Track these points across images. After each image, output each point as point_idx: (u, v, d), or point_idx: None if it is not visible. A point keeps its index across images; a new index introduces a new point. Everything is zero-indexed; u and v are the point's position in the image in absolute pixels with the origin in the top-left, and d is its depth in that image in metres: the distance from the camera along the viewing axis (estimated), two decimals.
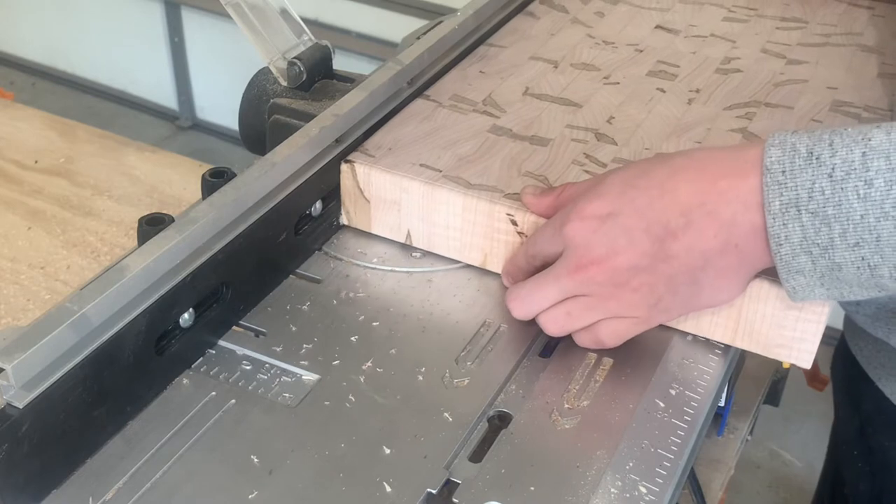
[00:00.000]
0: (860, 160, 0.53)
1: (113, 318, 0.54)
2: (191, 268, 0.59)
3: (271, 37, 0.76)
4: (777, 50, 0.89)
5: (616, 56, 0.87)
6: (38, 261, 0.77)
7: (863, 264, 0.55)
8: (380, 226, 0.73)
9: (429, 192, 0.69)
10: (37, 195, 0.85)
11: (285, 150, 0.67)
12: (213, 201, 0.61)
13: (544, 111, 0.78)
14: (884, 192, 0.53)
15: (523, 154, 0.73)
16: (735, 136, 0.76)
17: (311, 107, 0.75)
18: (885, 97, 0.82)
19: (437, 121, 0.77)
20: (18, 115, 0.98)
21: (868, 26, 0.94)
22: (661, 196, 0.58)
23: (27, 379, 0.50)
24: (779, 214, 0.55)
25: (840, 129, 0.55)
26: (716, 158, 0.58)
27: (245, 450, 0.56)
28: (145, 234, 0.59)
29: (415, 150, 0.73)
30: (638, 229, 0.58)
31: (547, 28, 0.92)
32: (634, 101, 0.80)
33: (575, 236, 0.60)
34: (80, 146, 0.92)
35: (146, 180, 0.88)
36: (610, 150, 0.74)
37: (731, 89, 0.82)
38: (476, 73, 0.84)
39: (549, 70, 0.85)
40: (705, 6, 0.97)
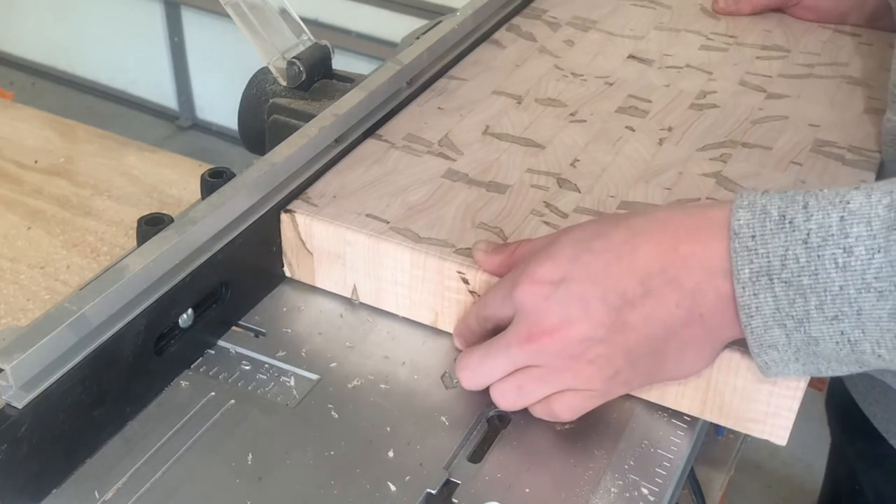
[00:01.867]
0: (838, 225, 0.48)
1: (112, 319, 0.54)
2: (190, 268, 0.59)
3: (270, 36, 0.76)
4: (756, 82, 0.83)
5: (584, 90, 0.82)
6: (37, 261, 0.77)
7: (842, 339, 0.49)
8: (324, 279, 0.67)
9: (374, 246, 0.64)
10: (37, 195, 0.85)
11: (285, 150, 0.66)
12: (212, 201, 0.61)
13: (504, 153, 0.73)
14: (865, 262, 0.47)
15: (479, 202, 0.68)
16: (708, 181, 0.70)
17: (310, 107, 0.75)
18: (871, 136, 0.76)
19: (389, 164, 0.71)
20: (18, 115, 0.98)
21: (854, 56, 0.88)
22: (617, 261, 0.53)
23: (26, 379, 0.50)
24: (749, 283, 0.50)
25: (815, 189, 0.50)
26: (678, 220, 0.53)
27: (244, 450, 0.56)
28: (144, 234, 0.59)
29: (362, 198, 0.67)
30: (593, 297, 0.53)
31: (512, 58, 0.86)
32: (601, 140, 0.75)
33: (525, 302, 0.54)
34: (80, 146, 0.92)
35: (146, 180, 0.88)
36: (572, 197, 0.68)
37: (706, 127, 0.77)
38: (434, 109, 0.78)
39: (512, 106, 0.79)
40: (682, 33, 0.92)
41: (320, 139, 0.69)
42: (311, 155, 0.69)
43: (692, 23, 0.94)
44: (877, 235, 0.47)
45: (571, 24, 0.93)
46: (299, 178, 0.68)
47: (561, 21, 0.93)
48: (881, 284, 0.47)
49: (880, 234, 0.47)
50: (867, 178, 0.71)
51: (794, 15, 0.95)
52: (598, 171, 0.71)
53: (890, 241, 0.47)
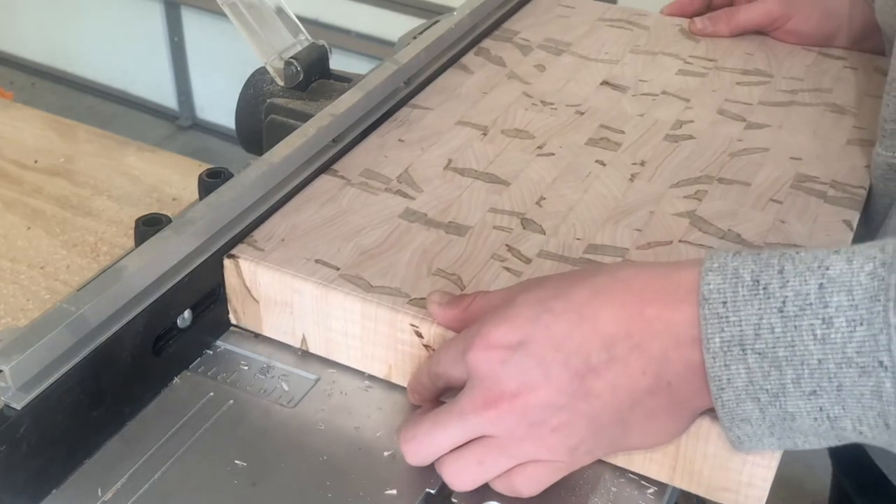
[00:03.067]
0: (816, 293, 0.44)
1: (111, 319, 0.54)
2: (189, 268, 0.59)
3: (268, 36, 0.76)
4: (736, 111, 0.79)
5: (554, 120, 0.78)
6: (37, 261, 0.77)
7: (821, 415, 0.45)
8: (271, 328, 0.63)
9: (323, 296, 0.60)
10: (36, 195, 0.85)
11: (282, 150, 0.66)
12: (210, 202, 0.61)
13: (466, 190, 0.69)
14: (846, 335, 0.43)
15: (437, 246, 0.63)
16: (681, 221, 0.66)
17: (307, 107, 0.74)
18: (855, 169, 0.72)
19: (343, 203, 0.67)
20: (18, 115, 0.98)
21: (838, 81, 0.84)
22: (579, 323, 0.49)
23: (25, 380, 0.50)
24: (720, 353, 0.46)
25: (791, 251, 0.46)
26: (643, 280, 0.49)
27: (243, 450, 0.56)
28: (143, 234, 0.59)
29: (312, 242, 0.63)
30: (555, 362, 0.49)
31: (479, 85, 0.82)
32: (570, 176, 0.71)
33: (479, 366, 0.50)
34: (80, 146, 0.92)
35: (146, 180, 0.87)
36: (536, 240, 0.64)
37: (681, 161, 0.73)
38: (394, 141, 0.74)
39: (477, 138, 0.75)
40: (659, 57, 0.87)
41: (318, 139, 0.69)
42: (308, 155, 0.69)
43: (670, 45, 0.89)
44: (858, 306, 0.43)
45: (543, 46, 0.89)
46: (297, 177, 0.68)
47: (532, 44, 0.89)
48: (863, 360, 0.43)
49: (862, 305, 0.43)
50: (850, 216, 0.67)
51: (777, 38, 0.91)
52: (564, 210, 0.67)
53: (873, 312, 0.43)
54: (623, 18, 0.94)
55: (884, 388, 0.44)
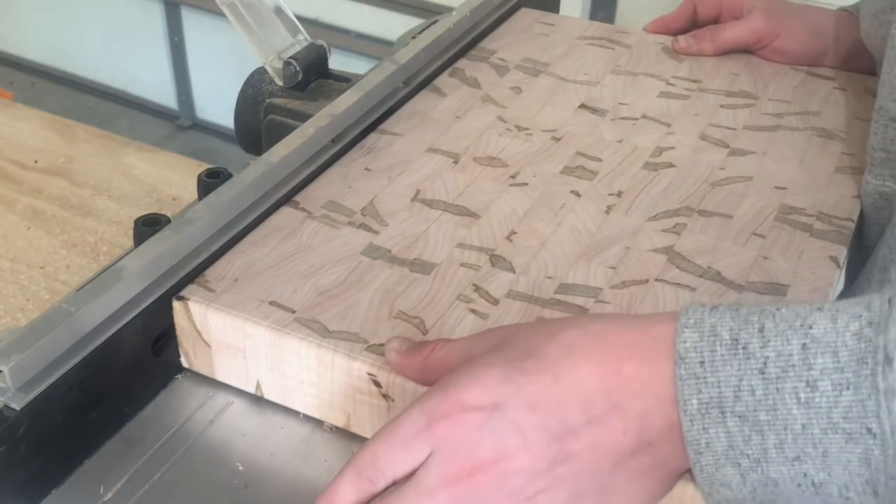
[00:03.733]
0: (799, 354, 0.41)
1: (110, 320, 0.54)
2: (188, 268, 0.59)
3: (267, 36, 0.76)
4: (719, 136, 0.76)
5: (528, 146, 0.74)
6: (37, 261, 0.77)
7: (805, 481, 0.42)
8: (224, 373, 0.60)
9: (276, 341, 0.56)
10: (36, 195, 0.85)
11: (282, 150, 0.66)
12: (209, 202, 0.61)
13: (434, 223, 0.65)
14: (831, 399, 0.40)
15: (400, 285, 0.60)
16: (658, 258, 0.63)
17: (306, 107, 0.74)
18: (843, 200, 0.69)
19: (303, 238, 0.64)
20: (18, 115, 0.98)
21: (826, 103, 0.81)
22: (554, 383, 0.45)
23: (24, 380, 0.50)
24: (697, 416, 0.43)
25: (772, 307, 0.43)
26: (617, 335, 0.46)
27: (243, 452, 0.56)
28: (142, 234, 0.59)
29: (267, 281, 0.60)
30: (532, 425, 0.45)
31: (452, 108, 0.79)
32: (543, 208, 0.67)
33: (452, 435, 0.46)
34: (80, 146, 0.92)
35: (146, 180, 0.88)
36: (505, 279, 0.61)
37: (660, 191, 0.69)
38: (360, 170, 0.71)
39: (448, 166, 0.72)
40: (640, 77, 0.84)
41: (317, 139, 0.68)
42: (307, 155, 0.69)
43: (652, 65, 0.86)
44: (844, 369, 0.40)
45: (521, 67, 0.85)
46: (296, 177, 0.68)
47: (509, 64, 0.86)
48: (850, 426, 0.40)
49: (848, 368, 0.40)
50: (837, 252, 0.64)
51: (764, 57, 0.87)
52: (536, 245, 0.64)
53: (860, 376, 0.39)
54: (604, 37, 0.90)
55: (872, 456, 0.40)
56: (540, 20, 0.93)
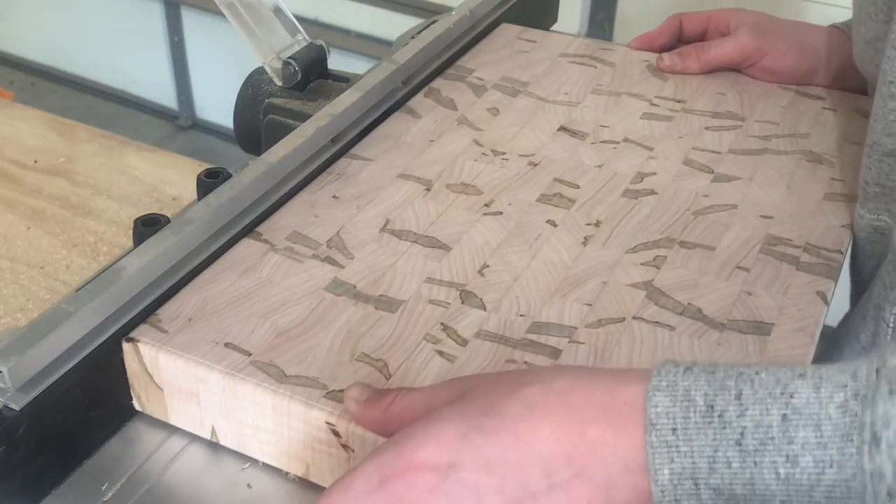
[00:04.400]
0: (779, 426, 0.38)
1: (110, 320, 0.54)
2: (187, 268, 0.59)
3: (266, 36, 0.76)
4: (703, 160, 0.73)
5: (504, 172, 0.71)
6: (37, 261, 0.77)
7: None
8: (178, 417, 0.57)
9: (230, 387, 0.53)
10: (36, 195, 0.85)
11: (281, 150, 0.66)
12: (208, 202, 0.61)
13: (403, 256, 0.62)
14: (813, 477, 0.37)
15: (364, 324, 0.57)
16: (636, 294, 0.60)
17: (306, 106, 0.74)
18: (831, 230, 0.66)
19: (264, 272, 0.61)
20: (18, 114, 0.98)
21: (816, 124, 0.78)
22: (514, 444, 0.42)
23: (24, 381, 0.50)
24: (669, 487, 0.40)
25: (750, 371, 0.40)
26: (582, 395, 0.43)
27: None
28: (141, 234, 0.58)
29: (223, 321, 0.57)
30: (489, 488, 0.42)
31: (427, 131, 0.76)
32: (517, 239, 0.64)
33: (405, 497, 0.43)
34: (80, 146, 0.92)
35: (146, 180, 0.87)
36: (475, 317, 0.58)
37: (640, 220, 0.66)
38: (328, 198, 0.68)
39: (420, 194, 0.69)
40: (623, 97, 0.81)
41: (316, 139, 0.68)
42: (307, 155, 0.68)
43: (636, 84, 0.83)
44: (828, 444, 0.37)
45: (499, 87, 0.82)
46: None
47: (487, 83, 0.83)
48: None
49: (832, 444, 0.37)
50: (825, 286, 0.61)
51: (752, 76, 0.84)
52: (509, 280, 0.61)
53: (844, 454, 0.36)
54: (587, 54, 0.87)
55: None
56: (521, 36, 0.90)
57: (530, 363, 0.54)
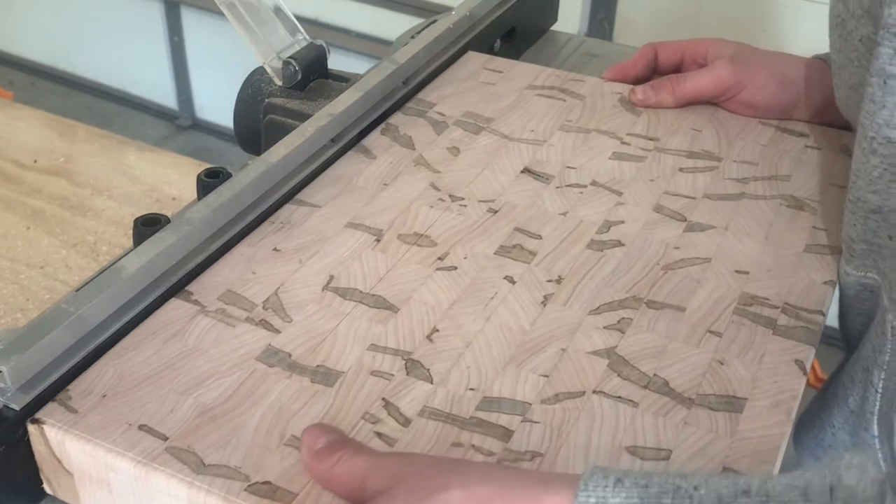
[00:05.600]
0: None
1: (110, 319, 0.54)
2: (187, 268, 0.59)
3: (266, 36, 0.76)
4: (676, 206, 0.68)
5: (462, 220, 0.66)
6: (37, 261, 0.78)
7: None
8: None
9: (143, 476, 0.48)
10: (36, 195, 0.86)
11: (281, 150, 0.66)
12: (208, 201, 0.61)
13: (345, 319, 0.57)
14: None
15: (297, 400, 0.52)
16: (598, 363, 0.55)
17: (306, 106, 0.74)
18: (812, 287, 0.61)
19: (191, 339, 0.55)
20: (18, 114, 0.99)
21: (798, 164, 0.73)
22: None
23: (24, 380, 0.50)
24: None
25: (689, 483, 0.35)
26: (505, 501, 0.38)
27: None
28: (141, 234, 0.59)
29: (141, 397, 0.51)
30: None
31: (381, 174, 0.71)
32: (471, 299, 0.59)
33: None
34: (80, 146, 0.93)
35: (146, 180, 0.88)
36: (421, 391, 0.53)
37: (606, 276, 0.61)
38: (268, 251, 0.63)
39: (369, 245, 0.63)
40: (592, 135, 0.76)
41: (316, 139, 0.69)
42: (307, 155, 0.68)
43: (607, 119, 0.78)
44: None
45: (461, 123, 0.77)
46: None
47: (449, 119, 0.77)
48: None
49: None
50: (804, 354, 0.56)
51: (730, 110, 0.79)
52: (460, 347, 0.55)
53: None
54: (556, 86, 0.82)
55: None
56: (487, 66, 0.85)
57: (478, 447, 0.49)
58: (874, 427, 0.63)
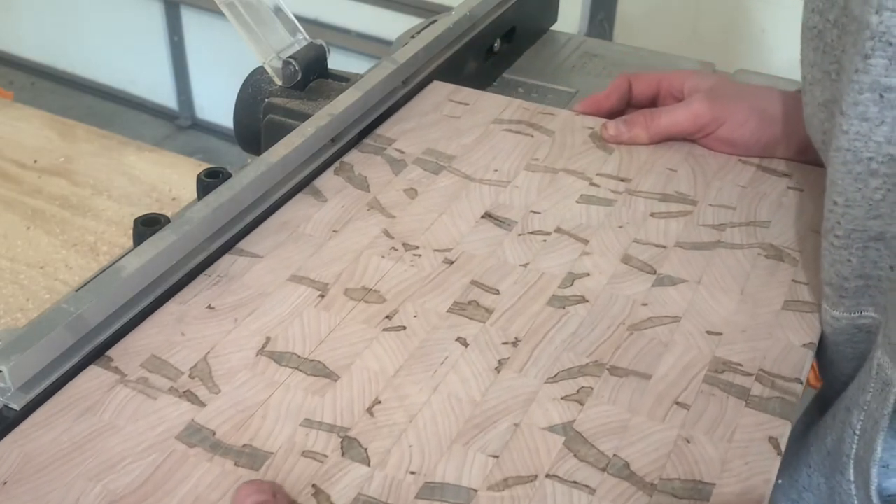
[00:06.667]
0: None
1: (109, 319, 0.54)
2: (187, 268, 0.59)
3: (266, 36, 0.76)
4: (645, 256, 0.63)
5: (415, 272, 0.61)
6: (37, 260, 0.78)
7: None
8: None
9: None
10: (36, 195, 0.86)
11: (281, 150, 0.66)
12: (208, 201, 0.60)
13: (279, 389, 0.52)
14: None
15: (217, 489, 0.47)
16: (553, 441, 0.50)
17: (306, 106, 0.75)
18: (791, 351, 0.56)
19: (106, 414, 0.50)
20: (18, 114, 0.99)
21: (779, 209, 0.68)
22: None
23: (24, 380, 0.50)
24: None
25: None
26: None
27: None
28: (141, 234, 0.59)
29: (45, 484, 0.46)
30: None
31: (331, 220, 0.66)
32: (419, 364, 0.54)
33: None
34: (80, 146, 0.93)
35: (146, 180, 0.89)
36: (356, 475, 0.48)
37: (566, 338, 0.56)
38: (201, 308, 0.58)
39: (312, 302, 0.59)
40: (560, 175, 0.71)
41: (316, 138, 0.69)
42: (307, 155, 0.68)
43: (576, 157, 0.73)
44: None
45: (421, 161, 0.72)
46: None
47: (408, 157, 0.73)
48: None
49: None
50: (779, 430, 0.51)
51: (708, 147, 0.75)
52: (403, 421, 0.51)
53: None
54: (524, 120, 0.78)
55: None
56: (452, 97, 0.80)
57: None
58: (850, 472, 0.58)
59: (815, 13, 0.58)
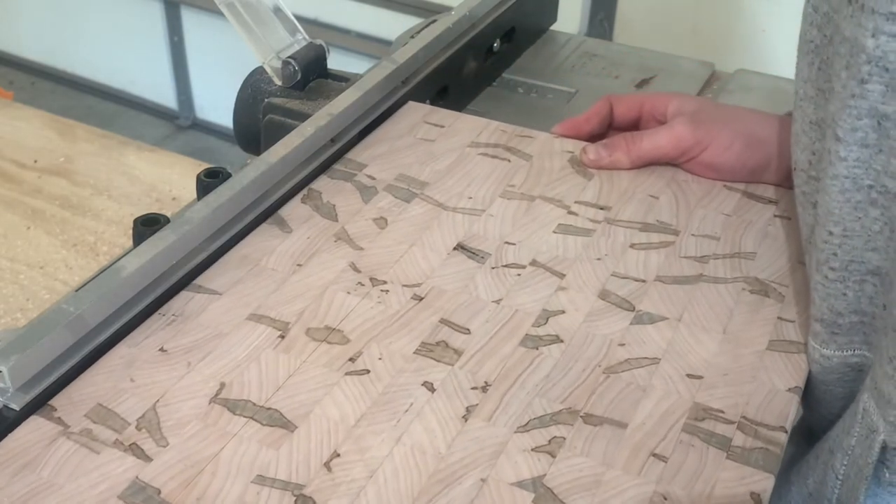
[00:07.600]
0: None
1: (109, 319, 0.54)
2: (186, 268, 0.59)
3: (266, 36, 0.76)
4: (623, 292, 0.60)
5: (382, 310, 0.58)
6: (37, 260, 0.78)
7: None
8: None
9: None
10: (36, 195, 0.86)
11: (280, 150, 0.66)
12: (208, 201, 0.61)
13: (231, 441, 0.49)
14: None
15: None
16: (523, 496, 0.47)
17: (305, 106, 0.75)
18: (776, 396, 0.53)
19: (45, 471, 0.47)
20: (18, 114, 0.99)
21: (765, 239, 0.65)
22: None
23: (24, 380, 0.49)
24: None
25: None
26: None
27: None
28: (141, 234, 0.59)
29: None
30: None
31: (295, 252, 0.63)
32: (382, 413, 0.51)
33: None
34: (80, 146, 0.93)
35: (146, 180, 0.89)
36: None
37: (539, 382, 0.53)
38: (153, 351, 0.55)
39: (271, 343, 0.55)
40: (536, 203, 0.68)
41: (315, 138, 0.69)
42: (306, 154, 0.68)
43: (554, 184, 0.70)
44: None
45: (392, 188, 0.69)
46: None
47: (379, 184, 0.70)
48: None
49: None
50: (762, 485, 0.48)
51: (692, 171, 0.72)
52: (362, 477, 0.48)
53: None
54: (501, 143, 0.75)
55: None
56: (427, 119, 0.77)
57: None
58: None
59: (812, 27, 0.55)
